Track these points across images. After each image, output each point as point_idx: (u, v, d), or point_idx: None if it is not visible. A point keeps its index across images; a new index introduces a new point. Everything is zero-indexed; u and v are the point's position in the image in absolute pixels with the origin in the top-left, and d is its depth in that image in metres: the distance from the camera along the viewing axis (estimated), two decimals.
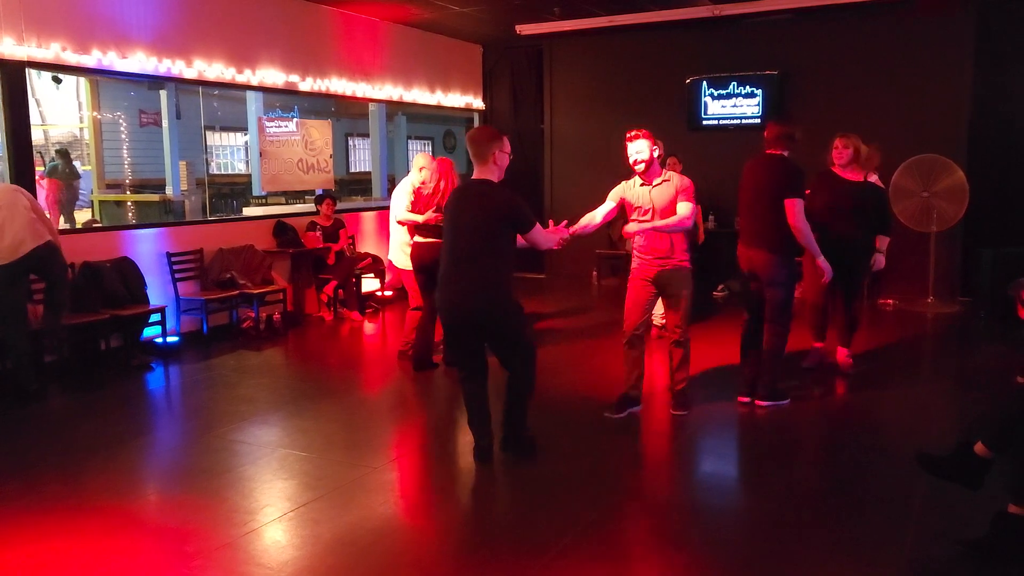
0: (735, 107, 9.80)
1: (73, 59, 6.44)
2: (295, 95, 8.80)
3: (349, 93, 9.18)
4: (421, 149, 17.97)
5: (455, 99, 10.87)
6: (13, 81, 6.13)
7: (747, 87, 9.73)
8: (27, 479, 4.21)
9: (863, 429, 5.01)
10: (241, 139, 14.71)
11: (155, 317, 6.77)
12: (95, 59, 6.59)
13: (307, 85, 8.56)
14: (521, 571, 3.23)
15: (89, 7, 6.59)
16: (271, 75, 8.16)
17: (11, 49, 6.05)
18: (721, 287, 9.51)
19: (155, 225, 7.60)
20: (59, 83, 12.03)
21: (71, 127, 13.73)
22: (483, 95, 11.41)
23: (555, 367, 6.23)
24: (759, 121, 9.38)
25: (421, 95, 10.27)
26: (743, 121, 9.70)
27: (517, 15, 9.51)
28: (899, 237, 8.04)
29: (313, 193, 9.28)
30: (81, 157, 13.44)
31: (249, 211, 9.13)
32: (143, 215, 11.84)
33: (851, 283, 5.84)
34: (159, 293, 7.06)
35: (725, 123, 9.85)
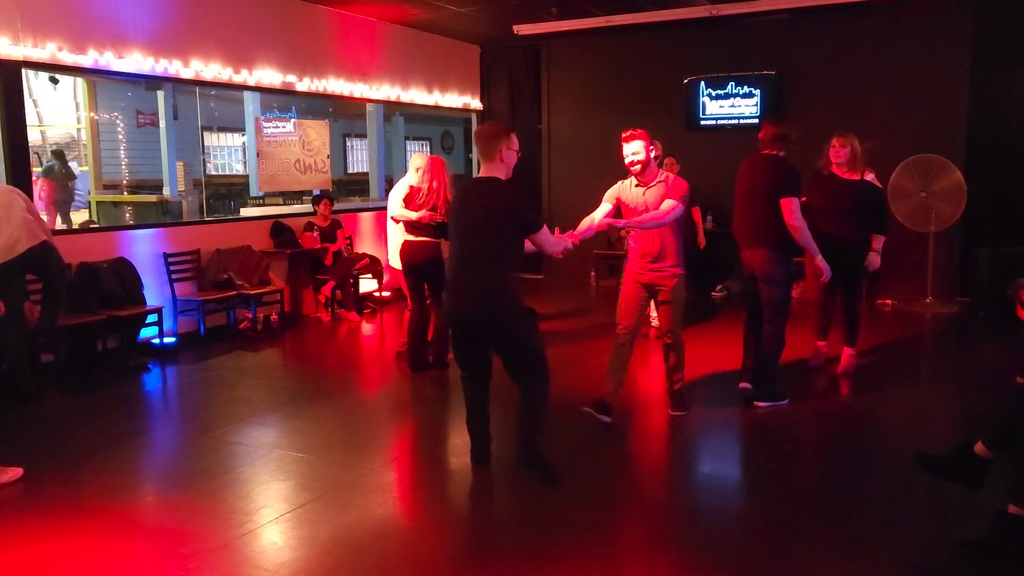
0: (733, 107, 9.79)
1: (69, 59, 6.42)
2: (292, 95, 8.79)
3: (346, 93, 9.16)
4: (419, 150, 17.96)
5: (453, 99, 10.85)
6: (9, 81, 6.11)
7: (745, 87, 9.72)
8: (24, 480, 4.19)
9: (862, 429, 5.01)
10: (239, 140, 14.69)
11: (152, 318, 6.76)
12: (92, 59, 6.57)
13: (304, 85, 8.55)
14: (520, 572, 3.21)
15: (86, 7, 6.57)
16: (268, 75, 8.14)
17: (7, 49, 6.03)
18: (720, 287, 9.50)
19: (152, 226, 7.59)
20: (56, 83, 11.99)
21: (68, 128, 13.70)
22: (481, 95, 11.40)
23: (553, 368, 6.04)
24: (757, 121, 9.35)
25: (419, 95, 10.26)
26: (741, 121, 9.69)
27: (514, 15, 9.50)
28: (897, 237, 8.06)
29: (310, 193, 9.26)
30: (78, 158, 13.42)
31: (246, 212, 9.11)
32: (140, 216, 11.82)
33: (850, 282, 5.83)
34: (156, 294, 7.05)
35: (723, 123, 9.84)
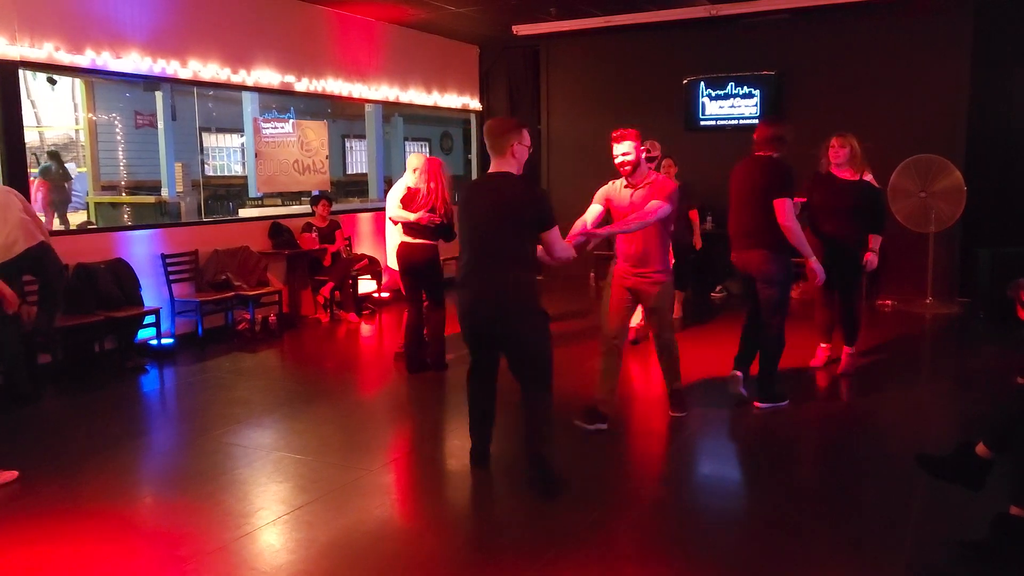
0: (733, 108, 9.78)
1: (67, 59, 6.40)
2: (291, 96, 8.76)
3: (345, 94, 9.14)
4: (418, 151, 17.94)
5: (452, 100, 10.83)
6: (6, 81, 6.08)
7: (745, 87, 9.71)
8: (21, 482, 4.16)
9: (862, 430, 4.99)
10: (237, 141, 14.67)
11: (150, 319, 6.73)
12: (89, 59, 6.54)
13: (303, 86, 8.53)
14: (519, 574, 3.19)
15: (83, 7, 6.54)
16: (266, 75, 8.12)
17: (4, 49, 6.00)
18: (719, 288, 9.48)
19: (150, 226, 7.56)
20: (54, 84, 11.95)
21: (67, 129, 13.68)
22: (480, 96, 11.38)
23: (554, 368, 6.17)
24: (757, 122, 9.32)
25: (417, 96, 10.24)
26: (741, 122, 9.67)
27: (514, 15, 9.48)
28: (897, 237, 8.05)
29: (309, 194, 9.24)
30: (77, 159, 13.40)
31: (245, 213, 9.09)
32: (139, 217, 11.81)
33: (849, 283, 5.81)
34: (154, 295, 7.02)
35: (723, 124, 9.83)
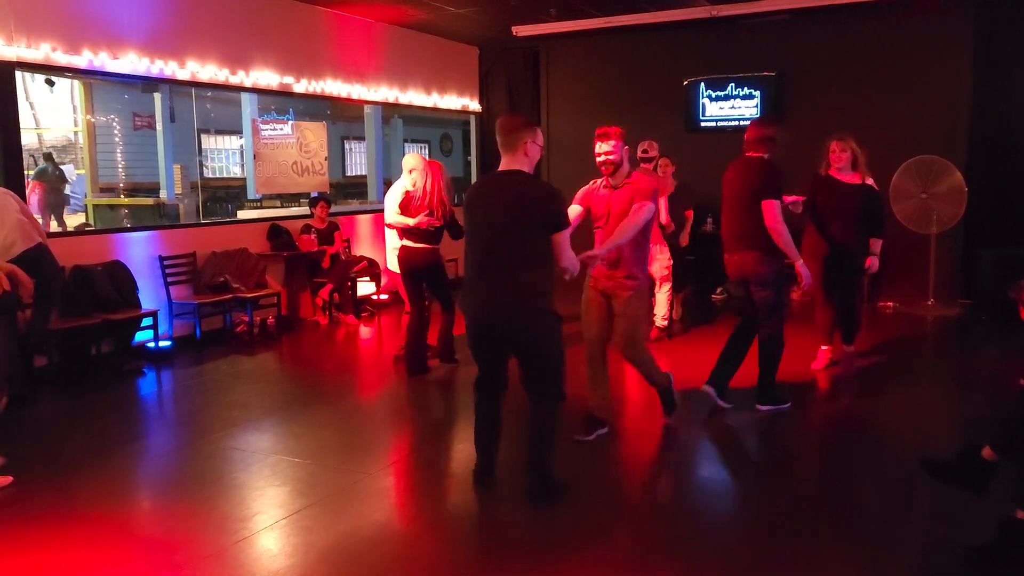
0: (733, 109, 9.74)
1: (63, 59, 6.36)
2: (289, 97, 8.73)
3: (344, 95, 9.10)
4: (417, 152, 17.89)
5: (451, 101, 10.80)
6: (2, 82, 6.04)
7: (745, 88, 9.67)
8: (15, 486, 4.12)
9: (863, 433, 4.95)
10: (236, 142, 14.64)
11: (147, 321, 6.68)
12: (86, 60, 6.50)
13: (302, 87, 8.49)
14: None
15: (80, 7, 6.51)
16: (265, 76, 8.08)
17: (0, 50, 5.96)
18: (720, 290, 9.43)
19: (147, 228, 7.51)
20: (52, 86, 11.91)
21: (65, 131, 13.64)
22: (479, 97, 11.34)
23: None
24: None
25: (417, 97, 10.20)
26: (741, 123, 9.58)
27: (513, 16, 9.44)
28: (899, 239, 8.00)
29: (308, 196, 9.21)
30: (75, 161, 13.37)
31: (244, 214, 9.06)
32: (137, 219, 11.77)
33: (850, 284, 5.78)
34: (151, 297, 6.98)
35: (723, 125, 9.79)
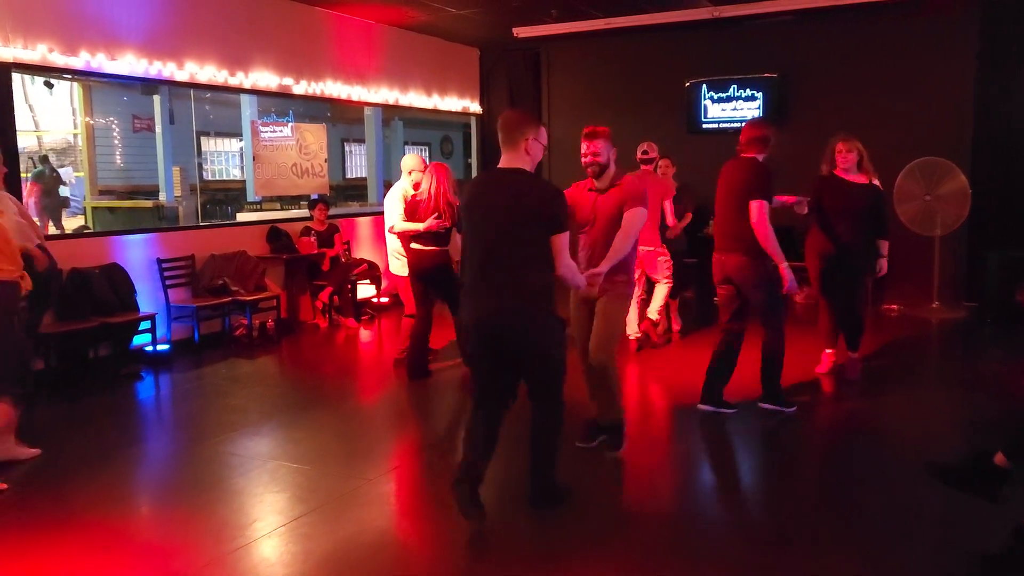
0: (735, 110, 9.68)
1: (61, 60, 6.30)
2: (289, 98, 8.68)
3: (344, 96, 9.05)
4: (417, 153, 17.87)
5: (452, 103, 10.74)
6: None
7: (747, 90, 9.62)
8: (10, 492, 4.07)
9: (869, 436, 4.89)
10: (236, 145, 14.60)
11: (145, 325, 6.62)
12: (83, 61, 6.45)
13: (301, 88, 8.44)
14: None
15: (78, 7, 6.45)
16: (264, 78, 8.03)
17: None
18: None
19: (145, 231, 7.45)
20: (51, 88, 11.88)
21: (65, 133, 13.60)
22: (480, 99, 11.29)
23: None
24: None
25: (417, 99, 10.15)
26: (743, 125, 9.56)
27: (514, 18, 9.40)
28: (903, 241, 7.93)
29: (308, 198, 9.16)
30: (75, 163, 13.33)
31: (243, 216, 9.01)
32: (137, 221, 11.72)
33: (853, 286, 5.72)
34: (149, 300, 6.91)
35: (725, 126, 9.72)
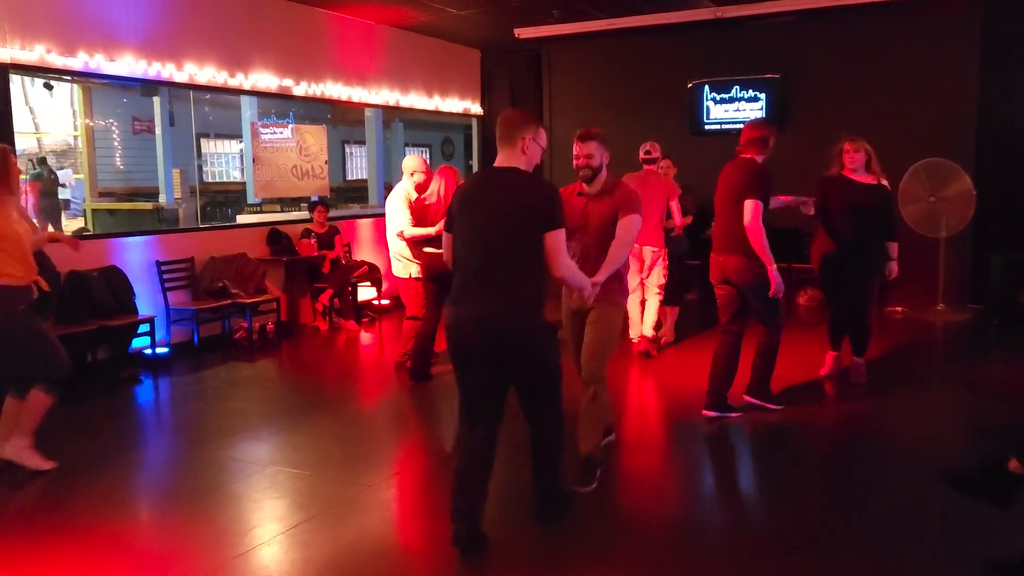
0: (738, 111, 9.63)
1: (59, 61, 6.25)
2: (289, 100, 8.64)
3: (344, 98, 9.00)
4: (418, 154, 17.84)
5: (453, 104, 10.70)
6: None
7: (750, 91, 9.57)
8: (6, 498, 4.04)
9: (874, 440, 4.83)
10: (236, 146, 14.57)
11: (144, 327, 6.57)
12: (81, 62, 6.40)
13: (301, 89, 8.39)
14: None
15: (76, 8, 6.41)
16: (264, 79, 7.98)
17: None
18: None
19: (144, 233, 7.40)
20: (51, 90, 11.86)
21: (64, 135, 13.57)
22: (481, 100, 11.25)
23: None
24: None
25: (418, 100, 10.10)
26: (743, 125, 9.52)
27: (515, 18, 9.36)
28: (908, 243, 7.87)
29: (308, 200, 9.12)
30: (74, 165, 13.30)
31: (243, 219, 8.96)
32: (136, 223, 11.68)
33: (859, 288, 5.66)
34: (148, 303, 6.86)
35: (728, 128, 9.66)
